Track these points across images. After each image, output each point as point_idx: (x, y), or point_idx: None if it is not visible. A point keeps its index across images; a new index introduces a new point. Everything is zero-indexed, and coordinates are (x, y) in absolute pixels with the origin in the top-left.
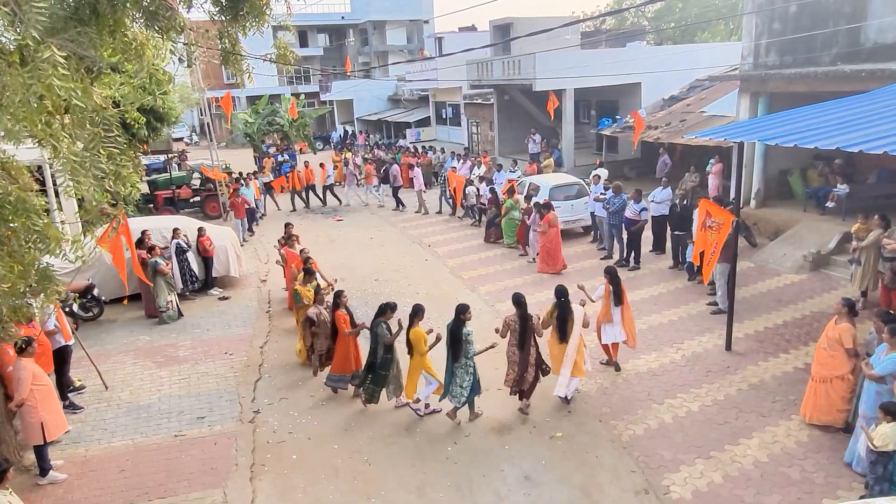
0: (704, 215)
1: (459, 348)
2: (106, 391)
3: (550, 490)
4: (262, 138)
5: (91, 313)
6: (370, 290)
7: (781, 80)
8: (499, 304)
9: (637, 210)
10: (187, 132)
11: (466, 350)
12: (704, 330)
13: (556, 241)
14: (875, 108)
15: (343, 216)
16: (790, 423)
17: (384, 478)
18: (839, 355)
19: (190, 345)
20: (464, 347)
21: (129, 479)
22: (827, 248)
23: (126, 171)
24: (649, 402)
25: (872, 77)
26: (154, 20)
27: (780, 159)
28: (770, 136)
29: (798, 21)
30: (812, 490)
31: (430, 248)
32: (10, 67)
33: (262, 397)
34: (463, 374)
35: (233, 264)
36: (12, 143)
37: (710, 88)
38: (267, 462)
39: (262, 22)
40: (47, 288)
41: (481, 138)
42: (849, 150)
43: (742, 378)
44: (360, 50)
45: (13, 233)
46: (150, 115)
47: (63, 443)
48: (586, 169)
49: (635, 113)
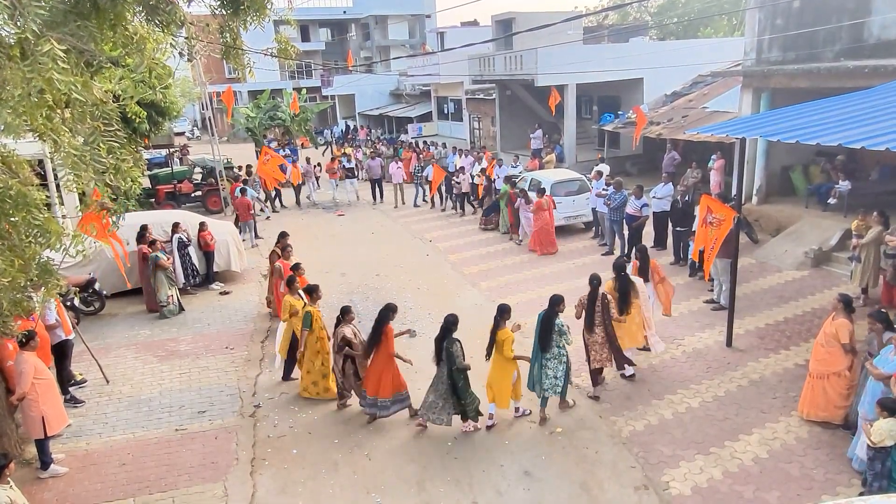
0: (705, 211)
1: (550, 339)
2: (107, 385)
3: (550, 485)
4: (264, 133)
5: (92, 307)
6: (371, 285)
7: (784, 76)
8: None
9: (638, 206)
10: (189, 126)
11: (559, 340)
12: (705, 326)
13: (551, 223)
14: (877, 104)
15: (344, 211)
16: (790, 420)
17: (384, 472)
18: (836, 352)
19: (191, 339)
20: (556, 338)
21: (130, 473)
22: (828, 245)
23: (127, 166)
24: (649, 398)
25: (875, 73)
26: (154, 14)
27: (782, 155)
28: (772, 133)
29: (801, 17)
30: (811, 486)
31: (432, 243)
32: (10, 61)
33: (262, 392)
34: (556, 364)
35: (234, 259)
36: (12, 138)
37: (713, 84)
38: (267, 456)
39: (263, 16)
40: (48, 282)
41: (483, 134)
42: (851, 146)
43: (742, 374)
44: (361, 44)
45: (14, 227)
46: (151, 109)
47: (64, 436)
48: (588, 165)
49: (637, 108)
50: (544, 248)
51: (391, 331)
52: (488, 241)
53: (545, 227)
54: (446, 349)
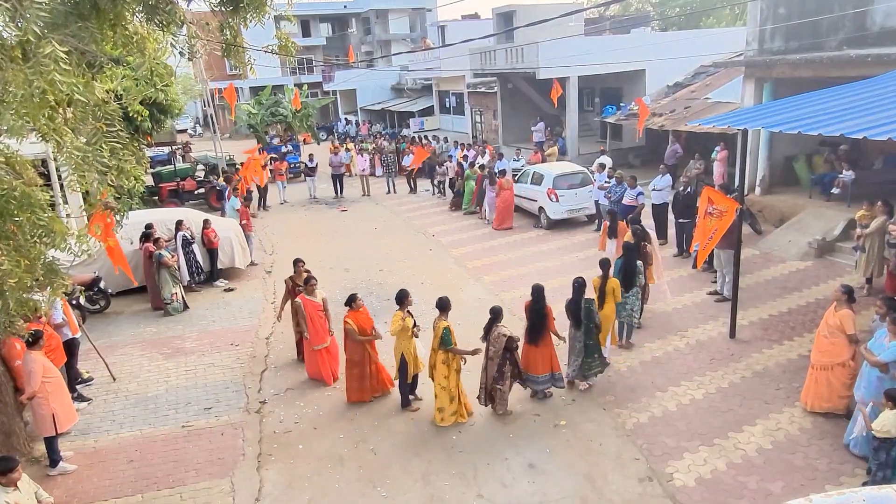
0: (706, 203)
1: (633, 280)
2: (114, 383)
3: (554, 478)
4: (266, 129)
5: (98, 306)
6: (375, 280)
7: (787, 66)
8: (503, 294)
9: (634, 195)
10: (191, 123)
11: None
12: (709, 318)
13: (510, 201)
14: (881, 93)
15: (347, 207)
16: (794, 411)
17: (389, 466)
18: (840, 342)
19: (196, 336)
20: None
21: (138, 470)
22: (832, 235)
23: (129, 166)
24: (653, 390)
25: (879, 62)
26: (154, 14)
27: (786, 146)
28: (774, 123)
29: (803, 5)
30: (815, 476)
31: (434, 237)
32: (12, 63)
33: (268, 388)
34: (634, 300)
35: (237, 256)
36: (16, 139)
37: (715, 75)
38: (273, 452)
39: (263, 13)
40: (53, 281)
41: (485, 127)
42: (853, 136)
43: (746, 366)
44: (362, 39)
45: (19, 227)
46: (153, 107)
47: (72, 434)
48: (590, 157)
49: (639, 100)
50: (503, 223)
51: (551, 310)
52: (491, 236)
53: (506, 204)
54: (586, 308)
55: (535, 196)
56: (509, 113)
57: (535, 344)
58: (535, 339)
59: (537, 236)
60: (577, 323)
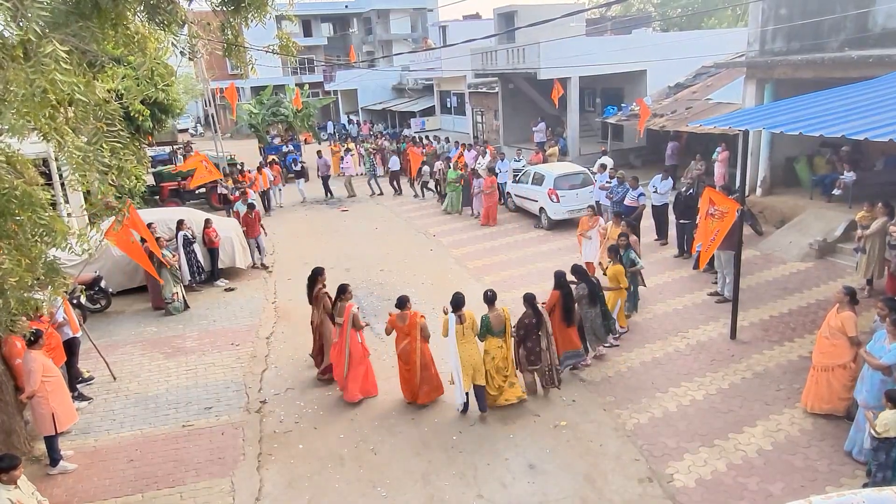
0: (707, 204)
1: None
2: (114, 382)
3: (554, 478)
4: (267, 129)
5: (98, 305)
6: (376, 280)
7: (788, 67)
8: (504, 294)
9: (635, 196)
10: (192, 123)
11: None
12: (709, 318)
13: (495, 200)
14: (882, 94)
15: (348, 207)
16: (794, 412)
17: (389, 466)
18: (841, 344)
19: (196, 336)
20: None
21: (138, 469)
22: (833, 236)
23: (130, 166)
24: (653, 390)
25: (880, 63)
26: (155, 14)
27: (787, 147)
28: (776, 124)
29: (805, 6)
30: (815, 478)
31: (435, 238)
32: (13, 62)
33: (268, 388)
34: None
35: (238, 255)
36: (17, 138)
37: (716, 75)
38: (274, 451)
39: (265, 13)
40: (54, 280)
41: (486, 127)
42: (854, 137)
43: (746, 367)
44: (363, 39)
45: (20, 226)
46: (154, 107)
47: (72, 433)
48: (591, 157)
49: (641, 101)
50: (490, 220)
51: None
52: (491, 236)
53: (493, 202)
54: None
55: (536, 196)
56: (510, 113)
57: (571, 324)
58: (571, 319)
59: (538, 236)
60: (592, 301)
